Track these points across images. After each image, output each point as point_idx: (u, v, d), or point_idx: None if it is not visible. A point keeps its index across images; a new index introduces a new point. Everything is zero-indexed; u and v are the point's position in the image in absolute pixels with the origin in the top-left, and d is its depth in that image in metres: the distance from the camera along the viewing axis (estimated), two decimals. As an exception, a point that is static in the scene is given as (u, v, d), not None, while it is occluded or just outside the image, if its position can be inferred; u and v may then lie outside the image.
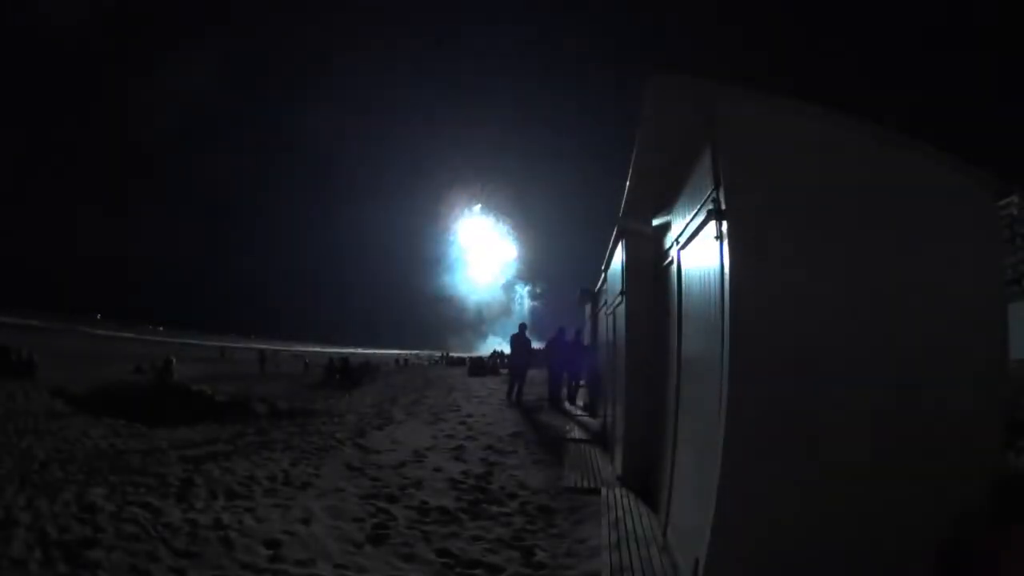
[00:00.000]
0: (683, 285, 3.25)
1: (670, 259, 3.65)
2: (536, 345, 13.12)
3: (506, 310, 75.97)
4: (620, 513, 3.90)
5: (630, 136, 3.36)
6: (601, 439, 6.87)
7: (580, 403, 11.05)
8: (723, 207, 2.35)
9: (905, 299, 2.35)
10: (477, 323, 76.01)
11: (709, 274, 2.57)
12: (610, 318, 6.71)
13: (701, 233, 2.74)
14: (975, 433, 2.40)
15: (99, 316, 58.18)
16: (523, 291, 78.40)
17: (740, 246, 2.25)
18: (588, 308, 12.02)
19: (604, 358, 7.94)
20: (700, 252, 2.81)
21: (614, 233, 5.36)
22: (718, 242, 2.37)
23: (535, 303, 73.17)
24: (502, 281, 78.93)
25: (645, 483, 4.34)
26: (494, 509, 4.16)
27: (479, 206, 77.53)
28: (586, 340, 11.98)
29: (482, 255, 78.78)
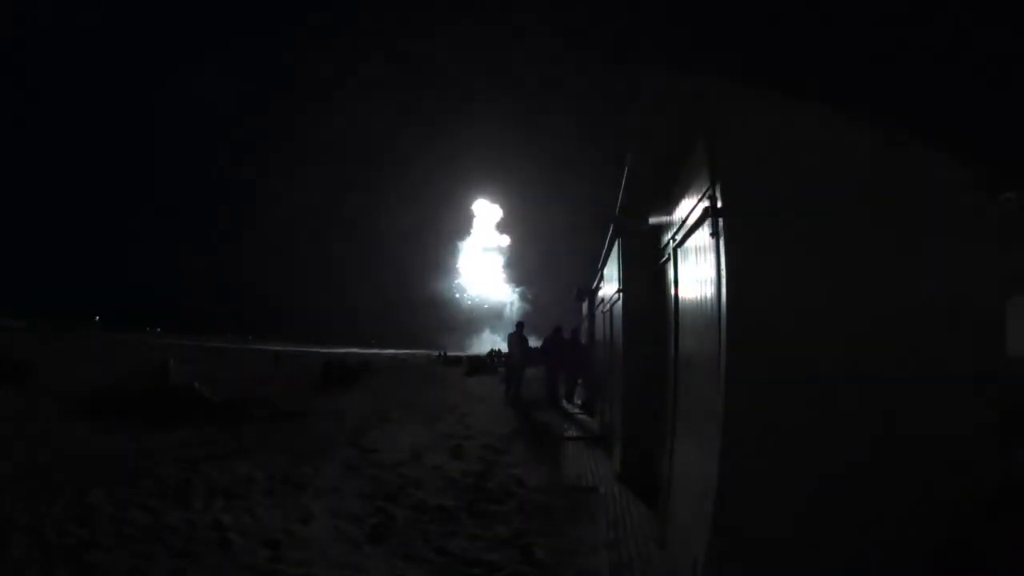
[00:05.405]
0: (680, 282, 3.26)
1: (667, 256, 3.65)
2: (533, 343, 13.11)
3: (499, 312, 76.51)
4: (618, 511, 3.91)
5: (627, 133, 3.36)
6: (599, 437, 6.88)
7: (578, 401, 11.06)
8: (719, 204, 2.35)
9: (903, 296, 2.36)
10: (471, 323, 76.38)
11: (706, 271, 2.57)
12: (607, 316, 6.71)
13: (698, 230, 2.74)
14: (975, 432, 2.40)
15: (97, 319, 58.10)
16: (515, 293, 79.09)
17: (737, 243, 2.25)
18: (585, 306, 12.03)
19: (601, 356, 7.95)
20: (697, 249, 2.81)
21: (611, 230, 5.37)
22: (714, 239, 2.37)
23: (527, 305, 73.66)
24: (496, 283, 79.52)
25: (643, 481, 4.35)
26: (493, 507, 4.16)
27: (475, 215, 78.48)
28: (583, 338, 11.98)
29: (476, 259, 79.55)
